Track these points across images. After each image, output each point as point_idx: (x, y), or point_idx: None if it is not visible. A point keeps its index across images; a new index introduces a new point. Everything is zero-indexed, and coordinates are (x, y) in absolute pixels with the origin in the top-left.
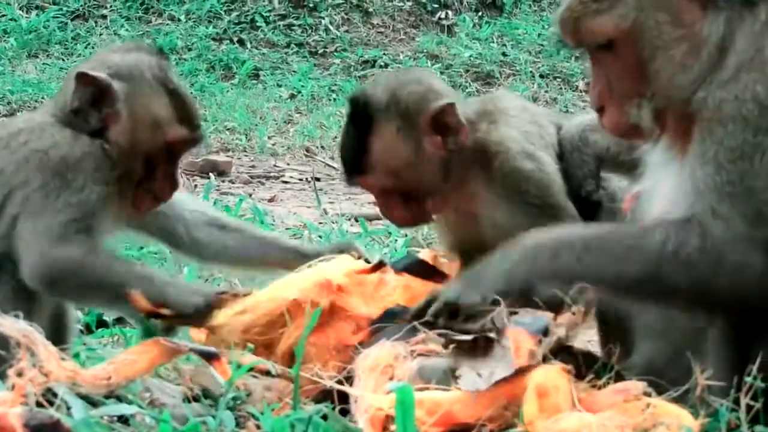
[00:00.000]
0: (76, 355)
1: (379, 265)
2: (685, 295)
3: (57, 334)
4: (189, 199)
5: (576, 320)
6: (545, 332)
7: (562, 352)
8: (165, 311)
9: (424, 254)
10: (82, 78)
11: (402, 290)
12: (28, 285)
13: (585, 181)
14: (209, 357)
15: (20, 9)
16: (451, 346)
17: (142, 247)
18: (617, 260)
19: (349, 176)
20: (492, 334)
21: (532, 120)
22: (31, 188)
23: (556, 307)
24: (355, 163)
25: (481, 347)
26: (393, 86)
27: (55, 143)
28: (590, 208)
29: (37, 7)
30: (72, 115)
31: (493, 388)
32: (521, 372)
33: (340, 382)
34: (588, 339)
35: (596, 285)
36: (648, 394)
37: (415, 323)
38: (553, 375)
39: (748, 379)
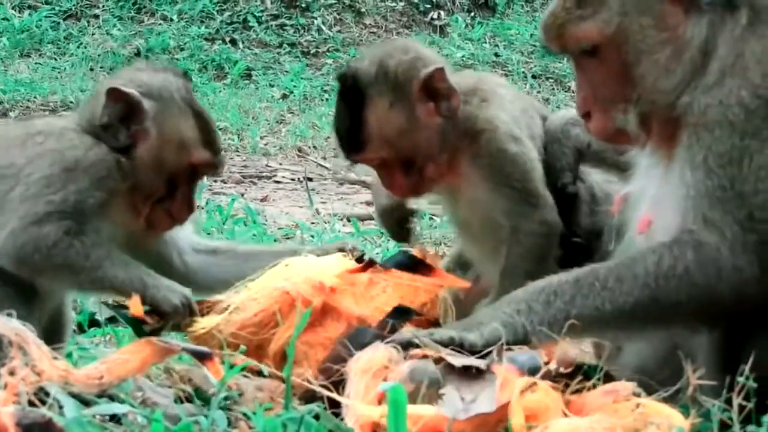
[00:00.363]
0: (69, 355)
1: (369, 264)
2: (688, 310)
3: (54, 334)
4: (179, 227)
5: (571, 358)
6: (536, 371)
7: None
8: (148, 319)
9: (414, 251)
10: (114, 93)
11: (393, 289)
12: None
13: (562, 173)
14: (202, 357)
15: (13, 8)
16: (443, 363)
17: None
18: (612, 294)
19: (347, 154)
20: (482, 365)
21: (523, 108)
22: (35, 177)
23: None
24: (352, 139)
25: (471, 372)
26: (380, 57)
27: (73, 146)
28: (566, 199)
29: (29, 7)
30: (100, 129)
31: (471, 420)
32: (502, 407)
33: (329, 387)
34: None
35: (596, 324)
36: (637, 395)
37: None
38: (541, 395)
39: (741, 379)
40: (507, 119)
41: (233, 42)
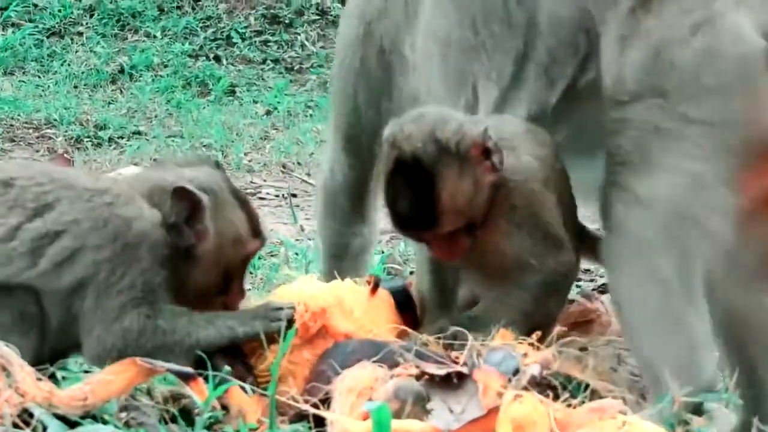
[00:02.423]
0: (52, 376)
1: (377, 286)
2: None
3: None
4: None
5: (550, 358)
6: (515, 371)
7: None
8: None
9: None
10: (182, 194)
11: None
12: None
13: None
14: (186, 377)
15: None
16: (424, 378)
17: None
18: None
19: (419, 233)
20: (464, 370)
21: (543, 142)
22: (103, 256)
23: None
24: (424, 218)
25: (452, 381)
26: (429, 132)
27: (141, 216)
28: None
29: (12, 25)
30: (169, 228)
31: (464, 427)
32: (492, 411)
33: (316, 405)
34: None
35: None
36: (623, 413)
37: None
38: (529, 409)
39: (725, 396)
40: (535, 166)
41: (217, 58)
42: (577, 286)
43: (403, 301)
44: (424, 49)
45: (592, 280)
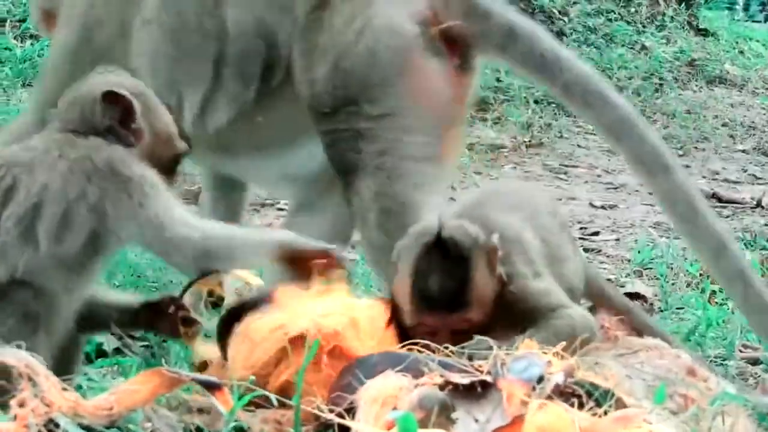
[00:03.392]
0: (78, 386)
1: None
2: None
3: (65, 366)
4: None
5: (574, 366)
6: (539, 380)
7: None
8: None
9: None
10: (111, 97)
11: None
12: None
13: None
14: (211, 387)
15: (15, 38)
16: (448, 387)
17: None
18: None
19: (447, 315)
20: (488, 378)
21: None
22: (95, 199)
23: None
24: (459, 301)
25: (477, 390)
26: (459, 223)
27: (92, 147)
28: None
29: (31, 36)
30: (106, 133)
31: None
32: (517, 420)
33: (341, 415)
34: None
35: None
36: (648, 422)
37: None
38: (554, 418)
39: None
40: (528, 271)
41: None
42: None
43: None
44: (137, 65)
45: None
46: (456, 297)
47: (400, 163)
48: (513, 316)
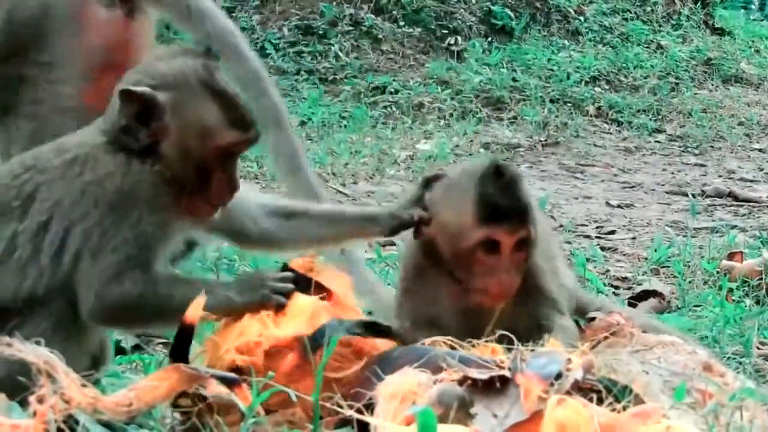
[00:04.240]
0: (97, 382)
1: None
2: None
3: (100, 362)
4: (250, 192)
5: (593, 362)
6: (558, 376)
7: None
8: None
9: None
10: (127, 95)
11: None
12: (73, 321)
13: None
14: (230, 383)
15: None
16: (467, 383)
17: None
18: None
19: (516, 226)
20: (507, 373)
21: None
22: (90, 223)
23: None
24: (524, 213)
25: (495, 385)
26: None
27: (110, 173)
28: None
29: None
30: (121, 133)
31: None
32: (536, 415)
33: (360, 411)
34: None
35: None
36: (667, 417)
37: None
38: (573, 413)
39: None
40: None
41: None
42: (615, 294)
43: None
44: None
45: (629, 288)
46: (521, 209)
47: (50, 114)
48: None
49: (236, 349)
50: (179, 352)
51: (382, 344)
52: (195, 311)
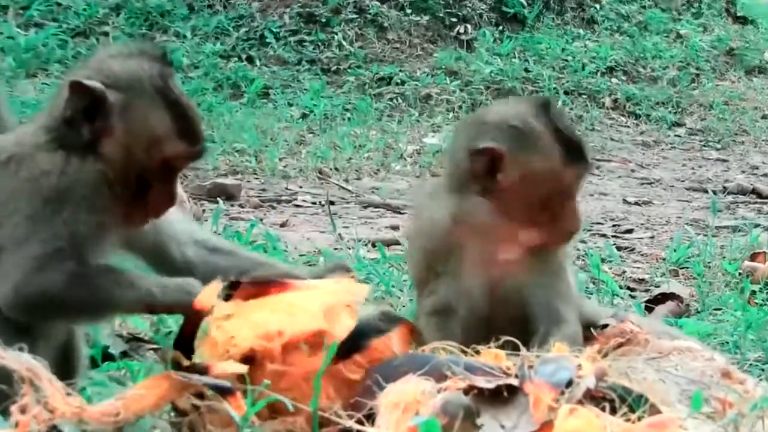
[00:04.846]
0: (83, 390)
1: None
2: None
3: (65, 369)
4: (179, 217)
5: (606, 369)
6: (569, 383)
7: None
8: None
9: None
10: (75, 87)
11: None
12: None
13: None
14: (223, 392)
15: (18, 27)
16: (473, 392)
17: None
18: None
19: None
20: (515, 382)
21: None
22: (20, 217)
23: None
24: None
25: (502, 394)
26: None
27: (46, 171)
28: None
29: (36, 25)
30: (63, 126)
31: None
32: (546, 426)
33: (360, 421)
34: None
35: None
36: (684, 428)
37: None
38: (585, 424)
39: None
40: None
41: (250, 59)
42: (632, 297)
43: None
44: None
45: (646, 290)
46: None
47: None
48: None
49: (256, 336)
50: (184, 342)
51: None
52: (207, 298)
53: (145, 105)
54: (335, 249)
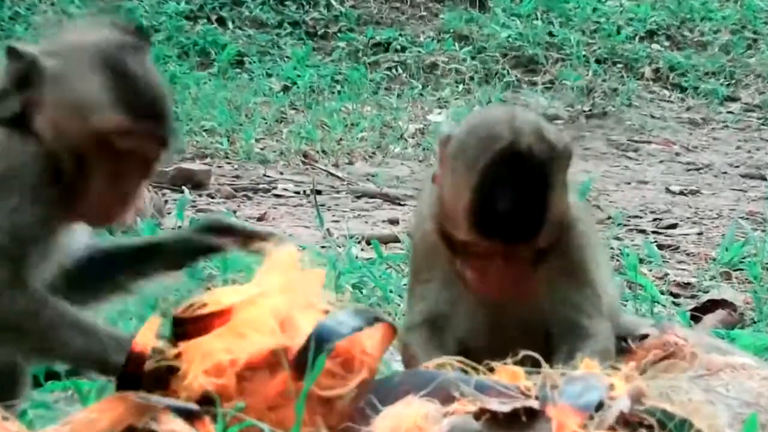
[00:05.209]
0: (23, 414)
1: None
2: None
3: (3, 390)
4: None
5: (643, 389)
6: (599, 406)
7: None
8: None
9: None
10: (11, 53)
11: None
12: None
13: None
14: (189, 416)
15: None
16: (485, 416)
17: None
18: None
19: (514, 239)
20: (535, 405)
21: None
22: None
23: None
24: (530, 227)
25: (520, 419)
26: (536, 128)
27: None
28: None
29: None
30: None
31: None
32: None
33: None
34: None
35: None
36: None
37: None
38: None
39: None
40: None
41: (221, 21)
42: (675, 305)
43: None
44: None
45: (693, 297)
46: (528, 222)
47: None
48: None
49: (204, 373)
50: (129, 384)
51: (374, 349)
52: (145, 337)
53: (78, 70)
54: (323, 247)
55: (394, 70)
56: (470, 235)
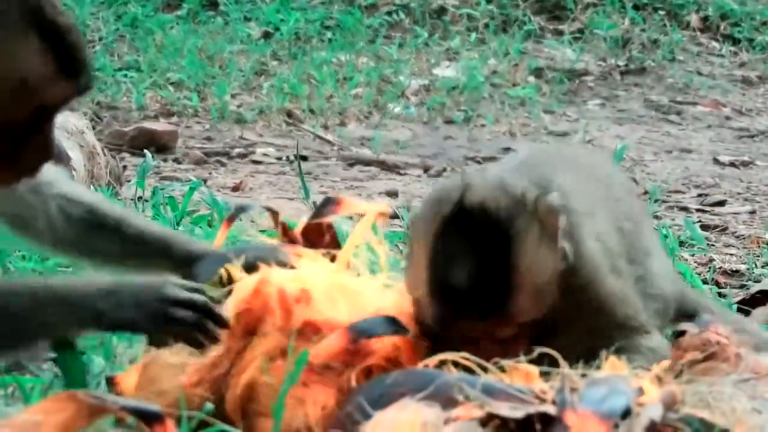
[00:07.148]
0: None
1: None
2: None
3: None
4: (58, 179)
5: (676, 394)
6: (625, 413)
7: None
8: None
9: None
10: None
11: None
12: None
13: None
14: (149, 418)
15: None
16: (494, 422)
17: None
18: None
19: (479, 321)
20: (551, 410)
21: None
22: None
23: None
24: (495, 300)
25: (534, 427)
26: (497, 182)
27: None
28: None
29: None
30: None
31: None
32: None
33: None
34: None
35: None
36: None
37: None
38: None
39: None
40: (603, 261)
41: None
42: (721, 296)
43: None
44: None
45: (742, 286)
46: (491, 294)
47: None
48: (578, 318)
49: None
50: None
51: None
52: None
53: (11, 39)
54: None
55: (394, 15)
56: (434, 321)
